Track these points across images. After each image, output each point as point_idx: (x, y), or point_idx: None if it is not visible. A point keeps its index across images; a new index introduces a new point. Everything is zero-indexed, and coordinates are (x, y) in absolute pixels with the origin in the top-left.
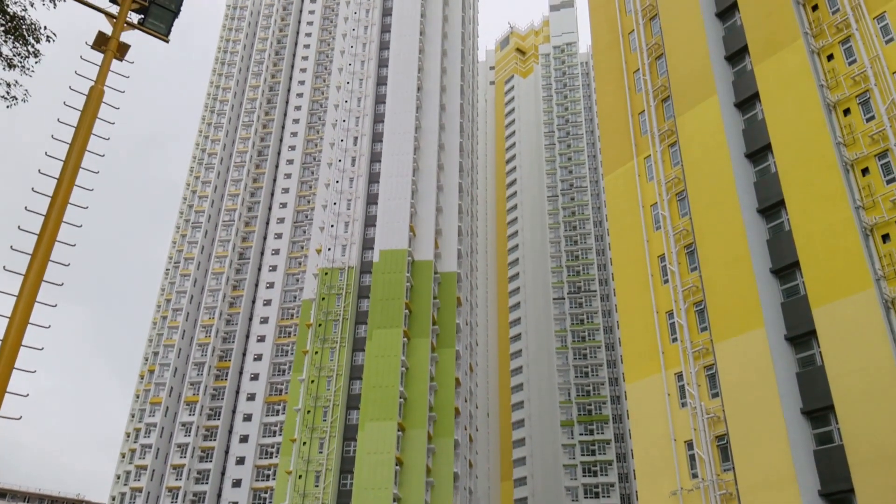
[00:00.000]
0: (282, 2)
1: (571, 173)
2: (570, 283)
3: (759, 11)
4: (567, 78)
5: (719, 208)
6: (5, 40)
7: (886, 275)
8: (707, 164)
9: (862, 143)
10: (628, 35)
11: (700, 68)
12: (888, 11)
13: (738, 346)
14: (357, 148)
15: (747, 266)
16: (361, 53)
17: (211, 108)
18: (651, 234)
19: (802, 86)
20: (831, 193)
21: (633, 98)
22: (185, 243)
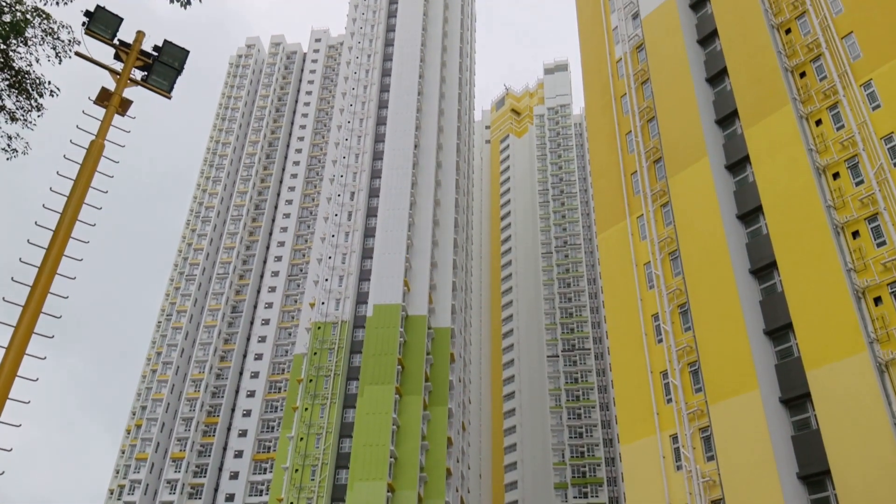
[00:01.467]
0: (284, 61)
1: (565, 230)
2: (565, 340)
3: (748, 77)
4: (561, 138)
5: (712, 268)
6: (9, 94)
7: (879, 338)
8: (699, 225)
9: (852, 207)
10: (621, 98)
11: (691, 131)
12: (874, 79)
13: (732, 408)
14: (353, 202)
15: (740, 327)
16: (360, 112)
17: (210, 163)
18: (645, 293)
19: (792, 150)
20: (822, 256)
21: (625, 159)
22: (179, 296)
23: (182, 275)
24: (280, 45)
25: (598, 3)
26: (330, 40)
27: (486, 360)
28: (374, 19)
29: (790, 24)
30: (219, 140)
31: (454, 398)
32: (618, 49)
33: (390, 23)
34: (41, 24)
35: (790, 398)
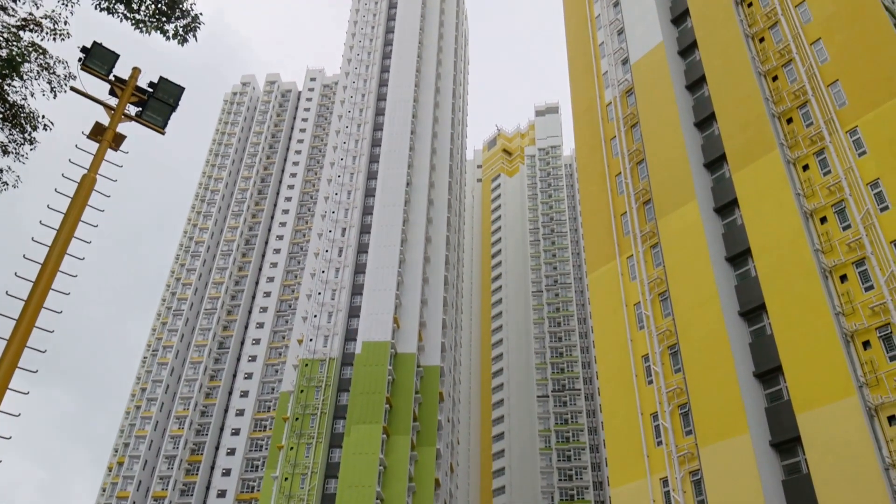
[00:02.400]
0: (278, 99)
1: (556, 270)
2: (555, 380)
3: (735, 122)
4: (552, 178)
5: (701, 310)
6: (2, 127)
7: (868, 382)
8: (688, 267)
9: (839, 251)
10: (610, 141)
11: (680, 174)
12: (860, 126)
13: (723, 451)
14: (345, 239)
15: (730, 369)
16: (353, 149)
17: (202, 198)
18: (635, 334)
19: (779, 194)
20: (811, 299)
21: (615, 200)
22: (166, 331)
23: (170, 310)
24: (275, 83)
25: (588, 48)
26: (325, 79)
27: (475, 400)
28: (370, 60)
29: (777, 71)
30: (211, 175)
31: (442, 438)
32: (607, 93)
33: (385, 64)
34: (37, 59)
35: (780, 442)
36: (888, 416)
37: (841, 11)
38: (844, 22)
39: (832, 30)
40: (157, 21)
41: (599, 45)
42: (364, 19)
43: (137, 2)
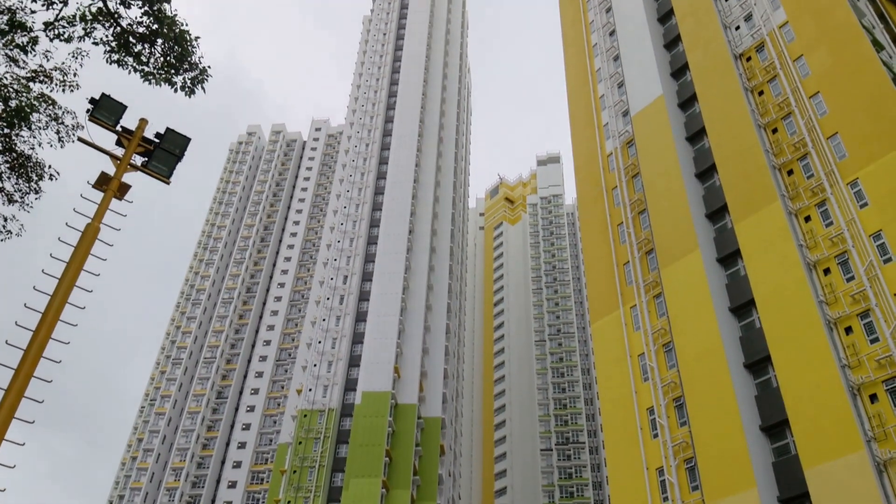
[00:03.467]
0: (283, 148)
1: (559, 318)
2: (558, 433)
3: (736, 174)
4: (554, 227)
5: (706, 362)
6: (9, 176)
7: (877, 436)
8: (692, 318)
9: (843, 303)
10: (612, 190)
11: (682, 224)
12: (860, 178)
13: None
14: (346, 286)
15: (736, 423)
16: (357, 197)
17: (204, 245)
18: (639, 385)
19: (782, 245)
20: (816, 352)
21: (617, 249)
22: (164, 380)
23: (169, 358)
24: (280, 133)
25: (589, 100)
26: (330, 129)
27: (477, 453)
28: (374, 111)
29: (776, 123)
30: (214, 223)
31: (443, 493)
32: (608, 144)
33: (389, 114)
34: (46, 109)
35: (789, 497)
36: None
37: (839, 65)
38: (842, 76)
39: (830, 83)
40: (166, 73)
41: (600, 97)
42: (369, 71)
43: (147, 55)
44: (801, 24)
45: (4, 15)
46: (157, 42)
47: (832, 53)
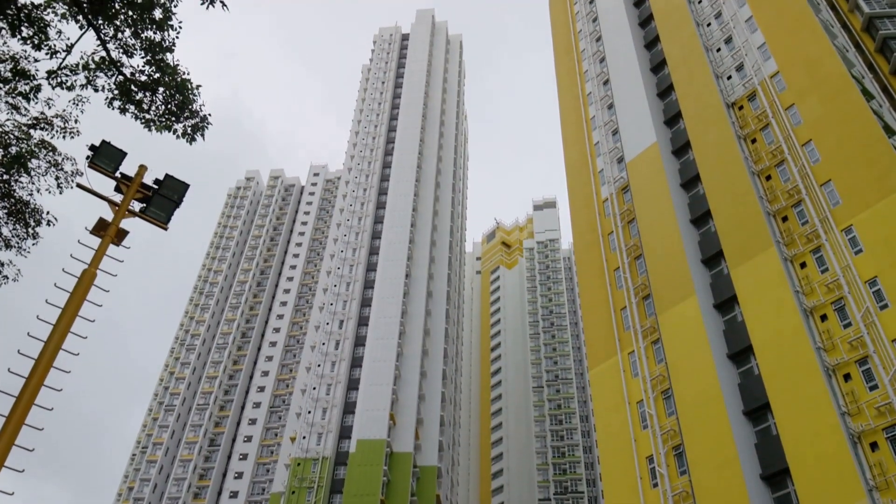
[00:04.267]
0: (282, 193)
1: (556, 364)
2: (557, 482)
3: (731, 220)
4: (550, 271)
5: (705, 409)
6: (6, 222)
7: (878, 485)
8: (690, 364)
9: (841, 349)
10: (608, 236)
11: (678, 270)
12: (855, 225)
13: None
14: (342, 331)
15: (737, 472)
16: (354, 241)
17: (200, 290)
18: (638, 433)
19: (778, 291)
20: (815, 399)
21: (614, 295)
22: (157, 427)
23: (161, 405)
24: (279, 178)
25: (584, 147)
26: (328, 175)
27: (474, 503)
28: (372, 157)
29: (770, 171)
30: (211, 268)
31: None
32: (604, 189)
33: (387, 160)
34: (46, 156)
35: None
36: None
37: (830, 114)
38: (834, 124)
39: (822, 131)
40: (167, 121)
41: (595, 144)
42: (367, 118)
43: (148, 102)
44: (791, 74)
45: (8, 63)
46: (159, 90)
47: (823, 103)
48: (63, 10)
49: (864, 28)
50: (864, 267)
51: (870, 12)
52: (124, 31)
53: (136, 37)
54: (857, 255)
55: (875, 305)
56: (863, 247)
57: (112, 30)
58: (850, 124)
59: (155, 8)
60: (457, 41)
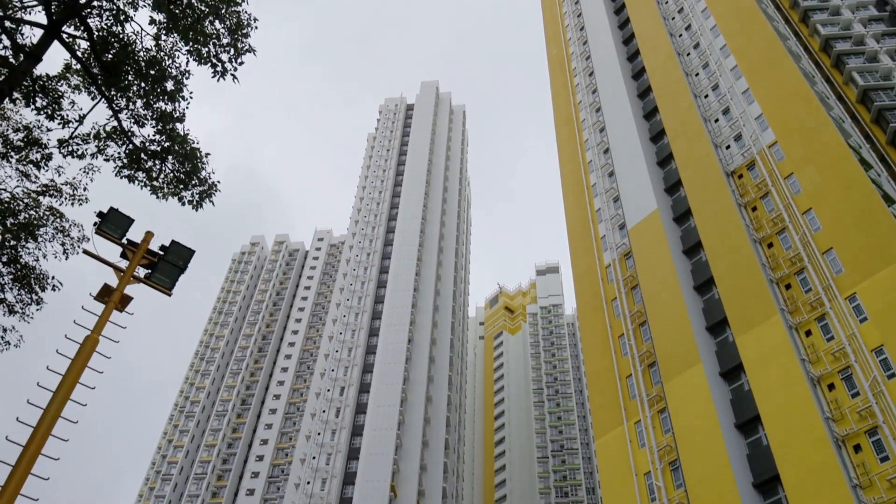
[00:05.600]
0: (286, 258)
1: (562, 434)
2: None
3: (735, 288)
4: (554, 337)
5: (714, 481)
6: (11, 287)
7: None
8: (698, 434)
9: (850, 419)
10: (611, 302)
11: (683, 338)
12: (858, 293)
13: None
14: (343, 398)
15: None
16: (356, 306)
17: (202, 356)
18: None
19: (784, 360)
20: (826, 471)
21: (619, 362)
22: (153, 497)
23: (159, 474)
24: (283, 243)
25: (585, 214)
26: (332, 239)
27: None
28: (376, 221)
29: (771, 238)
30: (213, 333)
31: None
32: (606, 255)
33: (390, 225)
34: (53, 222)
35: None
36: None
37: (829, 183)
38: (833, 193)
39: (822, 200)
40: (175, 188)
41: (597, 210)
42: (372, 184)
43: (157, 170)
44: (789, 144)
45: (21, 132)
46: (168, 159)
47: (822, 172)
48: (77, 81)
49: (859, 100)
50: (869, 335)
51: (864, 84)
52: (136, 101)
53: (148, 107)
54: (862, 323)
55: (882, 374)
56: (867, 315)
57: (124, 100)
58: (850, 193)
59: (167, 80)
60: (460, 111)
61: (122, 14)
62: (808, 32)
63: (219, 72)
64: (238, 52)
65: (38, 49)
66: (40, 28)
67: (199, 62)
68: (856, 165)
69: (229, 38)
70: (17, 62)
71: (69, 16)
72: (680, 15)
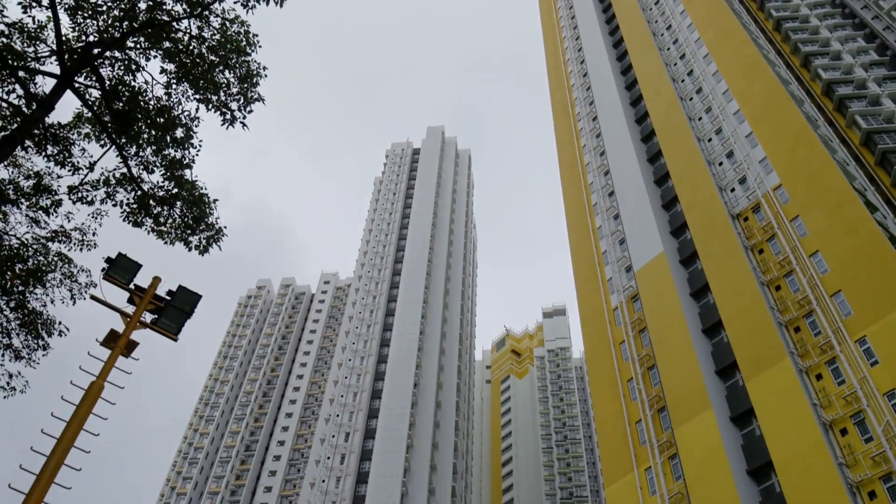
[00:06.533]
0: (292, 301)
1: (571, 480)
2: None
3: (743, 331)
4: (562, 381)
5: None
6: (18, 332)
7: None
8: (709, 482)
9: (864, 465)
10: (619, 345)
11: (692, 381)
12: (868, 336)
13: None
14: (348, 444)
15: None
16: (362, 350)
17: (206, 401)
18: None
19: (795, 404)
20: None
21: (628, 407)
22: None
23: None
24: (290, 286)
25: (592, 255)
26: (338, 282)
27: None
28: (382, 264)
29: (779, 281)
30: (217, 378)
31: None
32: (613, 298)
33: (396, 267)
34: (62, 268)
35: None
36: None
37: (835, 226)
38: (840, 236)
39: (828, 242)
40: (182, 233)
41: (602, 252)
42: (379, 227)
43: (165, 216)
44: (794, 187)
45: (31, 179)
46: (177, 204)
47: (827, 215)
48: (88, 129)
49: (863, 143)
50: (881, 379)
51: (867, 128)
52: (146, 148)
53: (157, 154)
54: (872, 366)
55: (895, 418)
56: (878, 358)
57: (134, 147)
58: (857, 236)
59: (177, 128)
60: (465, 155)
61: (133, 64)
62: (810, 77)
63: (228, 119)
64: (248, 101)
65: (51, 98)
66: (53, 78)
67: (208, 110)
68: (861, 208)
69: (239, 87)
70: (29, 111)
71: (82, 66)
72: (682, 61)
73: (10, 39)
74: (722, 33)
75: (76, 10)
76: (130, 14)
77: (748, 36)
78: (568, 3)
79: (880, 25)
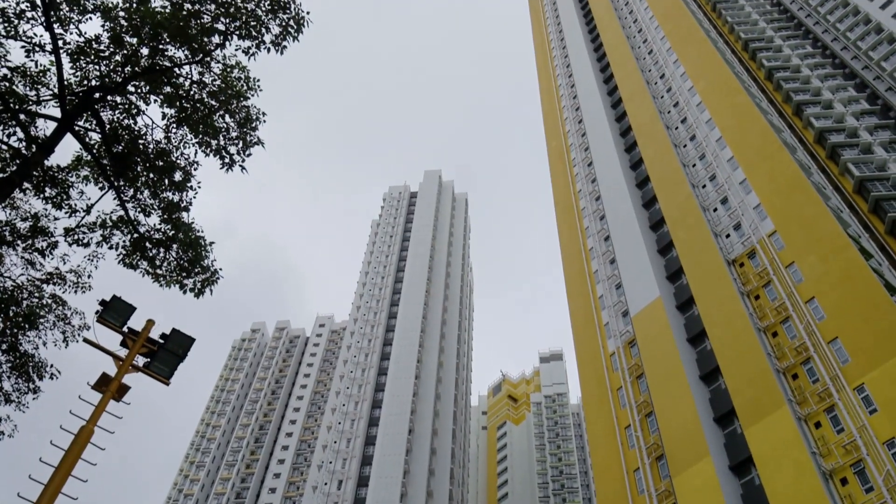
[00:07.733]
0: (286, 344)
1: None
2: None
3: (741, 378)
4: (560, 427)
5: None
6: (9, 376)
7: None
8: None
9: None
10: (617, 391)
11: (691, 429)
12: (867, 383)
13: None
14: (341, 492)
15: None
16: (357, 394)
17: (197, 447)
18: None
19: (795, 453)
20: None
21: (626, 455)
22: None
23: None
24: (284, 329)
25: (588, 301)
26: (333, 325)
27: None
28: (378, 307)
29: (776, 327)
30: (209, 423)
31: None
32: (610, 343)
33: (392, 310)
34: (55, 310)
35: None
36: None
37: (831, 272)
38: (835, 282)
39: (825, 289)
40: (177, 276)
41: (599, 297)
42: (375, 270)
43: (160, 259)
44: (788, 234)
45: (28, 221)
46: (173, 247)
47: (823, 261)
48: (86, 172)
49: (856, 190)
50: (880, 427)
51: (860, 175)
52: (144, 191)
53: (155, 196)
54: (871, 414)
55: (895, 468)
56: (877, 406)
57: (132, 190)
58: (852, 283)
59: (176, 171)
60: (462, 199)
61: (134, 108)
62: (803, 125)
63: (227, 163)
64: (246, 145)
65: (51, 141)
66: (54, 121)
67: (207, 154)
68: (856, 255)
69: (238, 132)
70: (29, 153)
71: (83, 109)
72: (675, 109)
73: (13, 83)
74: (714, 82)
75: (79, 55)
76: (132, 59)
77: (741, 84)
78: (564, 52)
79: (870, 75)
